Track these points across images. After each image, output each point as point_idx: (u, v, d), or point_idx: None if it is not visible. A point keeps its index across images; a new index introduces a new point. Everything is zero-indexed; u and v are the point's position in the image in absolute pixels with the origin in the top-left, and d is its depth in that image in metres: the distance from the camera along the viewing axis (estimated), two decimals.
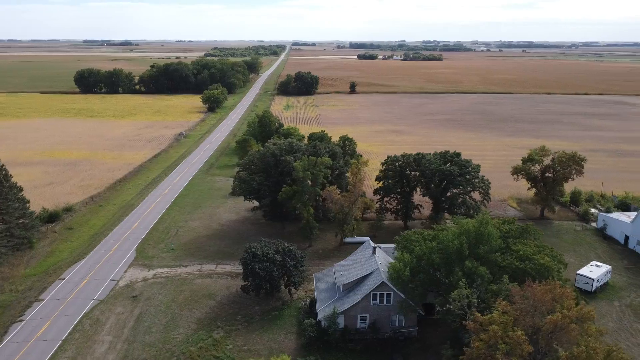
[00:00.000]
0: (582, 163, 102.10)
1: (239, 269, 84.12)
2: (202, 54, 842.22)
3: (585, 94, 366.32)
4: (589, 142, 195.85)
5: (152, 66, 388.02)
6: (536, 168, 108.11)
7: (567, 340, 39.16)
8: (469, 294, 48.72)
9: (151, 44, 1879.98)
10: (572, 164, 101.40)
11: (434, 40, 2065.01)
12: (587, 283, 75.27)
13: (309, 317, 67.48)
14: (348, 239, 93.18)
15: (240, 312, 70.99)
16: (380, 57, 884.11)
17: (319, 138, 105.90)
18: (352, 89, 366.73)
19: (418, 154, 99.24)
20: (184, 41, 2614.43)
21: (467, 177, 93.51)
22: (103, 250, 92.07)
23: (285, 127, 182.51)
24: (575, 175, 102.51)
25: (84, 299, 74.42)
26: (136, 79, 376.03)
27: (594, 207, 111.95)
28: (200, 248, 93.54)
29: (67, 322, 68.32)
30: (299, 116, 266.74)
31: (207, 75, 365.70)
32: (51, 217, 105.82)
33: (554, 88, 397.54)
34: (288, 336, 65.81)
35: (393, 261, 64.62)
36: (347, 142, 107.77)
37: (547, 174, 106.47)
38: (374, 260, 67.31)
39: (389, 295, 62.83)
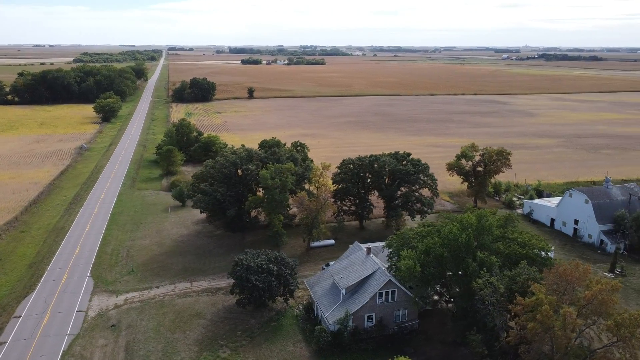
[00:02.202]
0: (509, 157, 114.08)
1: (217, 284, 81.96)
2: (69, 59, 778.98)
3: (463, 94, 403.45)
4: (484, 138, 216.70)
5: (20, 74, 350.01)
6: (468, 164, 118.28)
7: (604, 311, 45.23)
8: (494, 281, 53.27)
9: (5, 49, 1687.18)
10: (501, 158, 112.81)
11: (312, 45, 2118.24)
12: None
13: (316, 323, 67.93)
14: (315, 243, 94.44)
15: (237, 328, 68.98)
16: (265, 61, 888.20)
17: (274, 145, 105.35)
18: (250, 94, 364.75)
19: (372, 156, 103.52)
20: (43, 45, 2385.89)
21: (420, 175, 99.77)
22: (52, 280, 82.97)
23: (205, 135, 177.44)
24: (505, 169, 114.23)
25: (56, 336, 66.91)
26: (6, 88, 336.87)
27: (514, 196, 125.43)
28: (164, 267, 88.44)
29: None
30: (204, 124, 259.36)
31: (92, 83, 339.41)
32: None
33: (435, 89, 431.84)
34: (297, 345, 65.58)
35: (395, 259, 67.68)
36: (299, 148, 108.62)
37: (478, 169, 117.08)
38: (372, 260, 69.69)
39: (393, 292, 65.63)
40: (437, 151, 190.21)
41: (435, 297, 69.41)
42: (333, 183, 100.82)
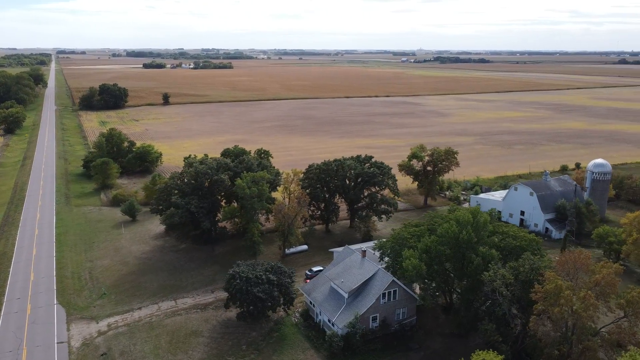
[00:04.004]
0: (456, 156, 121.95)
1: (202, 300, 79.70)
2: None
3: (376, 96, 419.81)
4: (409, 138, 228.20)
5: None
6: (418, 164, 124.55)
7: (612, 292, 50.96)
8: (504, 272, 57.58)
9: None
10: (449, 157, 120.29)
11: (214, 48, 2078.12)
12: None
13: (318, 329, 68.50)
14: (292, 249, 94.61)
15: (241, 342, 67.61)
16: (169, 65, 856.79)
17: (239, 153, 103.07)
18: (166, 100, 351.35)
19: (336, 160, 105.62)
20: None
21: (385, 177, 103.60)
22: (15, 312, 75.29)
23: (138, 145, 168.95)
24: (453, 167, 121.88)
25: None
26: None
27: (459, 192, 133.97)
28: (138, 287, 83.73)
29: None
30: (123, 132, 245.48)
31: None
32: None
33: (349, 92, 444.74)
34: (307, 352, 65.77)
35: (387, 259, 70.28)
36: (263, 155, 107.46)
37: (428, 168, 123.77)
38: (369, 262, 71.68)
39: (395, 292, 68.15)
40: (371, 152, 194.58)
41: (437, 293, 72.96)
42: (302, 188, 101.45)
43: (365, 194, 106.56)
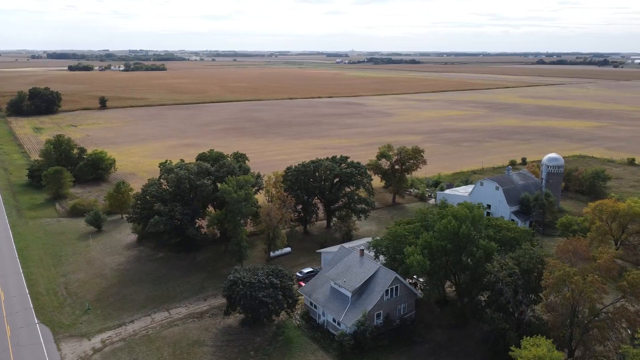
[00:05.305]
0: (422, 154, 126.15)
1: (197, 308, 78.03)
2: None
3: (319, 97, 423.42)
4: (361, 138, 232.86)
5: None
6: (386, 163, 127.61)
7: (611, 276, 55.28)
8: (509, 263, 60.76)
9: None
10: (417, 156, 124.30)
11: (142, 50, 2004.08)
12: None
13: (322, 330, 68.94)
14: (277, 252, 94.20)
15: (247, 349, 66.73)
16: (97, 68, 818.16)
17: (217, 157, 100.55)
18: (103, 104, 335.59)
19: (313, 161, 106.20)
20: None
21: (362, 176, 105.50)
22: None
23: (89, 152, 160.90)
24: (421, 165, 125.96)
25: None
26: None
27: (424, 189, 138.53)
28: (124, 300, 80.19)
29: None
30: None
31: None
32: None
33: (291, 93, 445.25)
34: (316, 353, 66.02)
35: (382, 257, 72.20)
36: (240, 158, 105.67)
37: (396, 167, 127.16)
38: (369, 260, 73.02)
39: (397, 288, 69.91)
40: (327, 153, 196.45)
41: (439, 288, 75.39)
42: (285, 191, 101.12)
43: (342, 194, 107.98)
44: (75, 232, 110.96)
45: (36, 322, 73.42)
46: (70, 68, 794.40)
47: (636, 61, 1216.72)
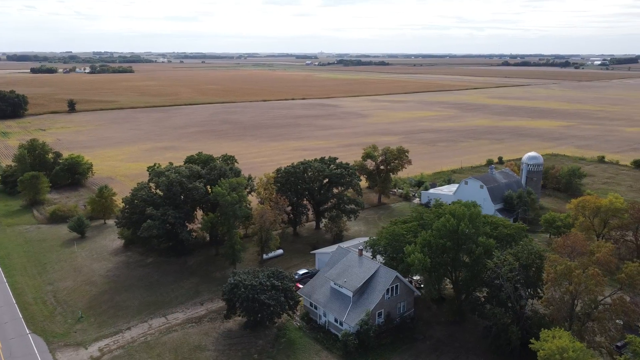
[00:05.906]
0: (407, 154, 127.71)
1: (194, 313, 77.11)
2: None
3: (293, 99, 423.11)
4: (339, 139, 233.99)
5: None
6: (372, 164, 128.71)
7: (609, 270, 57.28)
8: (509, 258, 62.20)
9: None
10: (402, 156, 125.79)
11: (107, 52, 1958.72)
12: None
13: (324, 330, 69.06)
14: (270, 254, 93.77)
15: (251, 352, 66.24)
16: (62, 70, 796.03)
17: (207, 160, 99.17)
18: (72, 107, 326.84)
19: (302, 163, 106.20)
20: None
21: (352, 177, 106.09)
22: None
23: (65, 156, 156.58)
24: (406, 165, 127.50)
25: None
26: None
27: (408, 189, 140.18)
28: (118, 307, 78.40)
29: None
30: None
31: None
32: None
33: (265, 95, 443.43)
34: (320, 354, 66.08)
35: (379, 256, 72.93)
36: (229, 161, 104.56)
37: (381, 167, 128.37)
38: (368, 260, 73.54)
39: (397, 286, 70.66)
40: (307, 154, 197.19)
41: (439, 285, 76.40)
42: (277, 192, 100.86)
43: (331, 195, 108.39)
44: (57, 238, 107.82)
45: (28, 332, 71.09)
46: (33, 70, 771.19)
47: (595, 63, 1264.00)
